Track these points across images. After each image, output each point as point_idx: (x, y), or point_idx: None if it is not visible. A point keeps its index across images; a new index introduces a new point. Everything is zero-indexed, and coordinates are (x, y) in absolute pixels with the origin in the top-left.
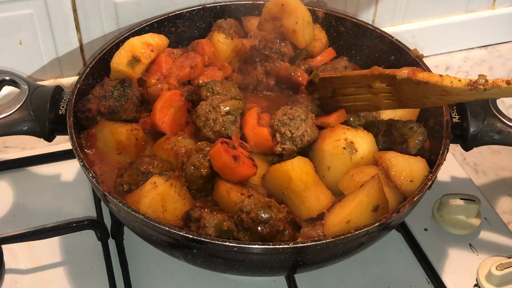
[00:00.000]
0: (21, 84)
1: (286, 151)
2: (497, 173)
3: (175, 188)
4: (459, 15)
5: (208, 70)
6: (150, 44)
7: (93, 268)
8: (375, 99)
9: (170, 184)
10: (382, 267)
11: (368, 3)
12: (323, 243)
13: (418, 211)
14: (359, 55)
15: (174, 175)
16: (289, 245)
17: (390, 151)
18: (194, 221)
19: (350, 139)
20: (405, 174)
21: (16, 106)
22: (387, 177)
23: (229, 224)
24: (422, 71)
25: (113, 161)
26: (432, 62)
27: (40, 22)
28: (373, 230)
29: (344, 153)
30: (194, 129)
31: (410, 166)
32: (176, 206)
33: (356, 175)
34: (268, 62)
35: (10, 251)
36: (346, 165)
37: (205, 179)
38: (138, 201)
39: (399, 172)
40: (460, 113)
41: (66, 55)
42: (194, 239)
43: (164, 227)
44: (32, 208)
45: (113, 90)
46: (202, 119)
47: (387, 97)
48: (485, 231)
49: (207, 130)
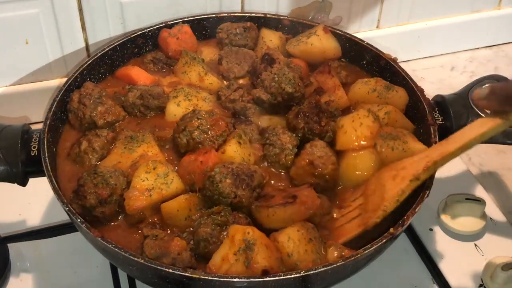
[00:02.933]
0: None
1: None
2: (503, 173)
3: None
4: (465, 15)
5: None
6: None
7: (98, 267)
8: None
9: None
10: (387, 267)
11: (373, 3)
12: (333, 267)
13: (423, 212)
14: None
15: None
16: (300, 273)
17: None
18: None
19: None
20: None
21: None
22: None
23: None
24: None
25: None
26: (437, 62)
27: (46, 21)
28: (380, 247)
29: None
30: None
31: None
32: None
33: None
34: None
35: (16, 250)
36: None
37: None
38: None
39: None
40: (442, 114)
41: (72, 55)
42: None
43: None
44: (37, 207)
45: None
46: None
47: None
48: (491, 231)
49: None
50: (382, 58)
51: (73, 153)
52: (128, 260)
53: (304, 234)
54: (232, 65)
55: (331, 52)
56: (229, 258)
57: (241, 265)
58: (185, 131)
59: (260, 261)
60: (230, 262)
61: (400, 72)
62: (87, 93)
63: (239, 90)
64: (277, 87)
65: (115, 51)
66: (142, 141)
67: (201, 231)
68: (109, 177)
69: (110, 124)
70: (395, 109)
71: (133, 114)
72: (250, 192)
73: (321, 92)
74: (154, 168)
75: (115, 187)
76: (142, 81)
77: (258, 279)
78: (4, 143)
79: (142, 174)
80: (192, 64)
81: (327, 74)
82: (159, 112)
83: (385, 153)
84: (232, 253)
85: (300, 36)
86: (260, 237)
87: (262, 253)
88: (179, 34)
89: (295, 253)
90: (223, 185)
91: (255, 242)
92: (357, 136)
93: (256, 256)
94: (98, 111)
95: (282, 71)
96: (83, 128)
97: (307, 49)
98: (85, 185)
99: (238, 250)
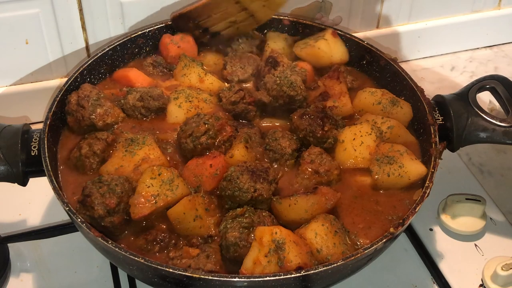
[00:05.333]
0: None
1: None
2: (503, 173)
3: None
4: (465, 15)
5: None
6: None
7: (98, 267)
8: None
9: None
10: (387, 267)
11: (373, 2)
12: (334, 267)
13: (423, 212)
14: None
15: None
16: (300, 273)
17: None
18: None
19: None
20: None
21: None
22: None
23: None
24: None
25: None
26: (437, 62)
27: (46, 21)
28: (380, 247)
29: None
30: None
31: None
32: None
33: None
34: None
35: (16, 250)
36: None
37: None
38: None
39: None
40: (442, 114)
41: (72, 55)
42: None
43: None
44: (37, 207)
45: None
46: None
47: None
48: (491, 231)
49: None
50: (382, 58)
51: (73, 157)
52: (128, 259)
53: (329, 228)
54: (236, 69)
55: (338, 56)
56: (261, 261)
57: (274, 265)
58: (192, 136)
59: (294, 259)
60: (262, 265)
61: (400, 72)
62: (85, 95)
63: (240, 92)
64: (279, 90)
65: (115, 51)
66: (143, 144)
67: (229, 236)
68: (115, 185)
69: (109, 126)
70: (398, 124)
71: (133, 116)
72: (268, 185)
73: (327, 97)
74: (160, 174)
75: (122, 195)
76: (140, 83)
77: (258, 279)
78: (4, 143)
79: (148, 180)
80: (191, 66)
81: (335, 80)
82: (159, 113)
83: (381, 179)
84: (263, 255)
85: (308, 39)
86: (288, 235)
87: (294, 251)
88: (180, 42)
89: (324, 247)
90: (242, 180)
91: (284, 241)
92: (355, 156)
93: (288, 255)
94: (97, 113)
95: (285, 74)
96: (82, 131)
97: (314, 52)
98: (92, 195)
99: (268, 251)
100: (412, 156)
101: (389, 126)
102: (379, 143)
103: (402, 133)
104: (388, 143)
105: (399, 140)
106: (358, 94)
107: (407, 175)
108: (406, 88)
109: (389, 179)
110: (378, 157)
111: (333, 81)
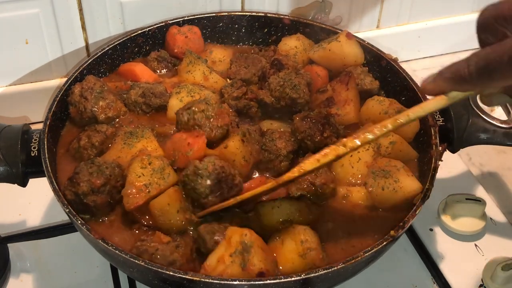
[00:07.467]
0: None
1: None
2: (503, 173)
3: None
4: (465, 15)
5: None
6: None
7: (98, 267)
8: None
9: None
10: (387, 267)
11: (373, 3)
12: (334, 270)
13: (423, 212)
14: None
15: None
16: (300, 276)
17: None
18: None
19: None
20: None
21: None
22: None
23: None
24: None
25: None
26: (437, 62)
27: (46, 21)
28: (380, 250)
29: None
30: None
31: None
32: None
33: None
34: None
35: (16, 250)
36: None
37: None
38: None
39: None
40: (443, 115)
41: (72, 54)
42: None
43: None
44: (37, 207)
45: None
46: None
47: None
48: (491, 231)
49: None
50: (382, 58)
51: (72, 149)
52: (129, 262)
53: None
54: (240, 68)
55: (351, 58)
56: (225, 260)
57: (237, 266)
58: (190, 109)
59: (257, 263)
60: (225, 264)
61: (400, 72)
62: (88, 87)
63: (242, 88)
64: (281, 91)
65: (115, 50)
66: (142, 137)
67: (200, 228)
68: (105, 168)
69: (110, 119)
70: (401, 140)
71: (135, 111)
72: (219, 200)
73: (332, 103)
74: (150, 163)
75: (110, 178)
76: (145, 79)
77: (258, 282)
78: (4, 143)
79: (138, 169)
80: (197, 63)
81: (344, 85)
82: (160, 110)
83: (375, 192)
84: (228, 254)
85: (323, 42)
86: (257, 239)
87: (259, 255)
88: (188, 33)
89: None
90: (202, 182)
91: (252, 244)
92: (353, 173)
93: (252, 258)
94: (100, 106)
95: (289, 76)
96: (83, 122)
97: (326, 55)
98: (80, 172)
99: (234, 251)
100: (409, 173)
101: (391, 141)
102: (377, 157)
103: (404, 148)
104: (386, 157)
105: (400, 155)
106: (367, 101)
107: (401, 190)
108: (406, 89)
109: (383, 193)
110: (374, 170)
111: (342, 86)
